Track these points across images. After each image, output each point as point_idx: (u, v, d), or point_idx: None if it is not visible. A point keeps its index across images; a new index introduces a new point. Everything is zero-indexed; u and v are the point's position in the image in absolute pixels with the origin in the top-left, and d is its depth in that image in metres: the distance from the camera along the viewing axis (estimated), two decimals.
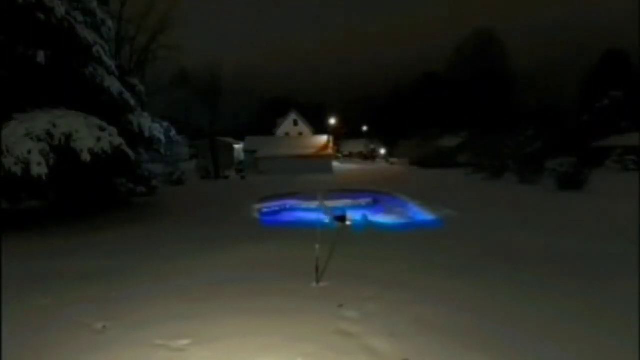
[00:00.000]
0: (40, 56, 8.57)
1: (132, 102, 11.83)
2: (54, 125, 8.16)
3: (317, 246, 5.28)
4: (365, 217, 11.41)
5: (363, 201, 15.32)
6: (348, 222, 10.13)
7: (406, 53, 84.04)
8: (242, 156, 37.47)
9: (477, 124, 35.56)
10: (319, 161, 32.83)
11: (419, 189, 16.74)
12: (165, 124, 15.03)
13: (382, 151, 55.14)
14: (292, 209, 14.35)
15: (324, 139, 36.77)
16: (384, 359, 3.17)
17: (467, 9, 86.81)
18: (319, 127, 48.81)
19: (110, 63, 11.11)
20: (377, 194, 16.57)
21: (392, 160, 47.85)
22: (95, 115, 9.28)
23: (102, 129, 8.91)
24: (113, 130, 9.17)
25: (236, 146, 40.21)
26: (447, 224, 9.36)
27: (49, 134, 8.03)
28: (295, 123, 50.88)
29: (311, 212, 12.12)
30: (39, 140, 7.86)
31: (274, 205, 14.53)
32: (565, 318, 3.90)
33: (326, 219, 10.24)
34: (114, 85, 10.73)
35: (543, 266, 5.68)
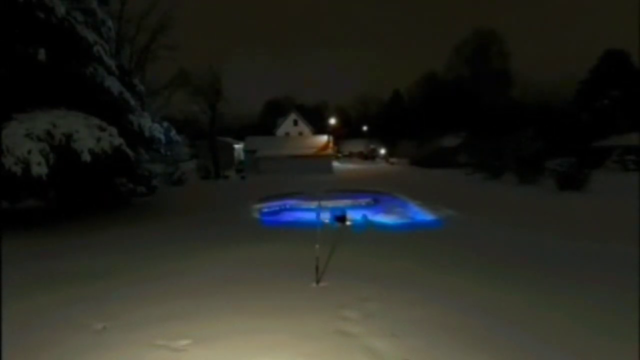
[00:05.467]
0: (41, 54, 8.55)
1: (132, 102, 11.83)
2: (54, 126, 8.16)
3: (317, 246, 5.28)
4: (365, 217, 11.41)
5: (363, 201, 15.32)
6: (348, 222, 10.14)
7: (406, 53, 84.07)
8: (242, 156, 37.51)
9: (477, 124, 35.59)
10: (319, 161, 32.83)
11: (419, 189, 16.73)
12: (165, 124, 15.04)
13: (382, 151, 55.18)
14: (292, 209, 14.36)
15: (324, 139, 36.76)
16: (384, 359, 3.17)
17: (468, 9, 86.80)
18: (319, 127, 48.88)
19: (111, 63, 11.10)
20: (377, 194, 16.57)
21: (392, 160, 47.88)
22: (96, 115, 9.28)
23: (102, 129, 8.91)
24: (113, 130, 9.17)
25: (236, 146, 40.26)
26: (447, 224, 9.35)
27: (49, 134, 8.03)
28: (295, 123, 50.89)
29: (311, 212, 12.13)
30: (39, 140, 7.86)
31: (274, 205, 14.53)
32: (565, 318, 3.90)
33: (326, 219, 10.24)
34: (114, 85, 10.73)
35: (543, 266, 5.68)
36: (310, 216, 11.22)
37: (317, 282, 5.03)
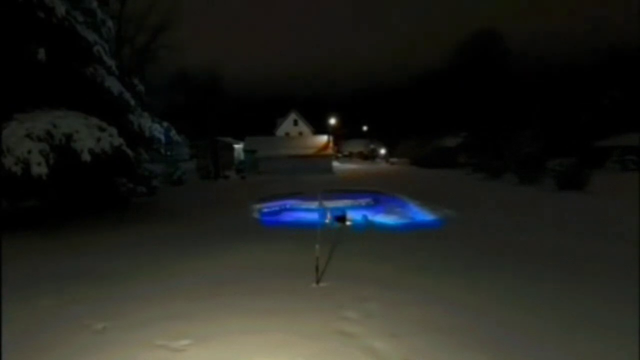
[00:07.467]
0: (41, 53, 8.54)
1: (132, 102, 11.84)
2: (54, 126, 8.16)
3: (317, 246, 5.28)
4: (365, 217, 11.41)
5: (363, 201, 15.32)
6: (348, 223, 10.13)
7: (407, 52, 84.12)
8: (242, 156, 37.49)
9: (477, 124, 35.57)
10: (319, 161, 32.82)
11: (419, 189, 16.73)
12: (165, 124, 15.00)
13: (382, 151, 55.16)
14: (292, 209, 14.37)
15: (324, 139, 36.74)
16: (384, 359, 3.17)
17: (469, 8, 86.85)
18: (319, 127, 48.89)
19: (111, 63, 11.10)
20: (377, 194, 16.57)
21: (392, 160, 47.89)
22: (96, 115, 9.28)
23: (102, 129, 8.91)
24: (113, 130, 9.16)
25: (236, 146, 40.25)
26: (447, 224, 9.35)
27: (49, 134, 8.03)
28: (295, 123, 50.92)
29: (311, 212, 12.14)
30: (39, 140, 7.86)
31: (274, 205, 14.54)
32: (564, 319, 3.90)
33: (326, 219, 10.24)
34: (114, 85, 10.73)
35: (542, 267, 5.68)
36: (310, 216, 11.25)
37: (317, 282, 5.03)
